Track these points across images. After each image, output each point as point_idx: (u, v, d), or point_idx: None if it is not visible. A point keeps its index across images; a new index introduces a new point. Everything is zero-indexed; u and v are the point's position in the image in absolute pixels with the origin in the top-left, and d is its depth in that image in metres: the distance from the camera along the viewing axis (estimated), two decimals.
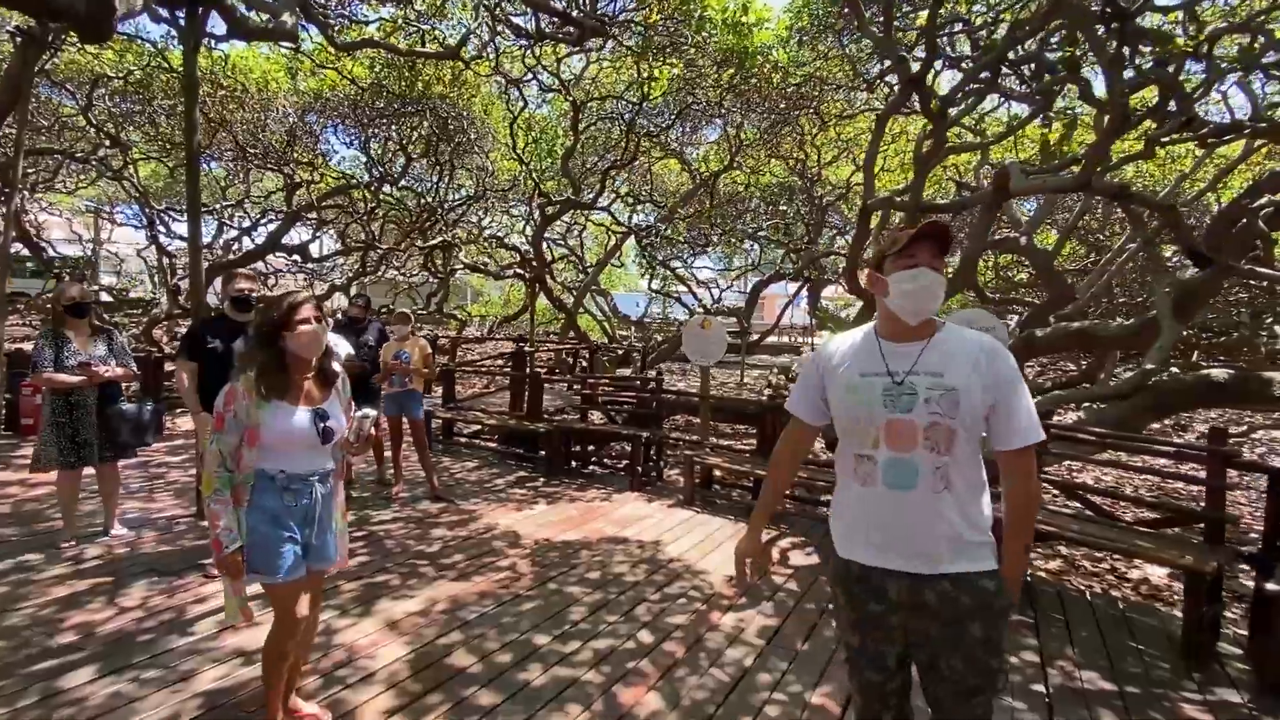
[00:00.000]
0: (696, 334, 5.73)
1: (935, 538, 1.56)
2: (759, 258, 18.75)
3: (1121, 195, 3.50)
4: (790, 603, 3.52)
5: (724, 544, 4.39)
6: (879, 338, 1.66)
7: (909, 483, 1.55)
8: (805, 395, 1.75)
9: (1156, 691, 2.78)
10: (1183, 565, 3.17)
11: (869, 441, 1.59)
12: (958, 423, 1.53)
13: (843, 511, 1.69)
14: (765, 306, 37.02)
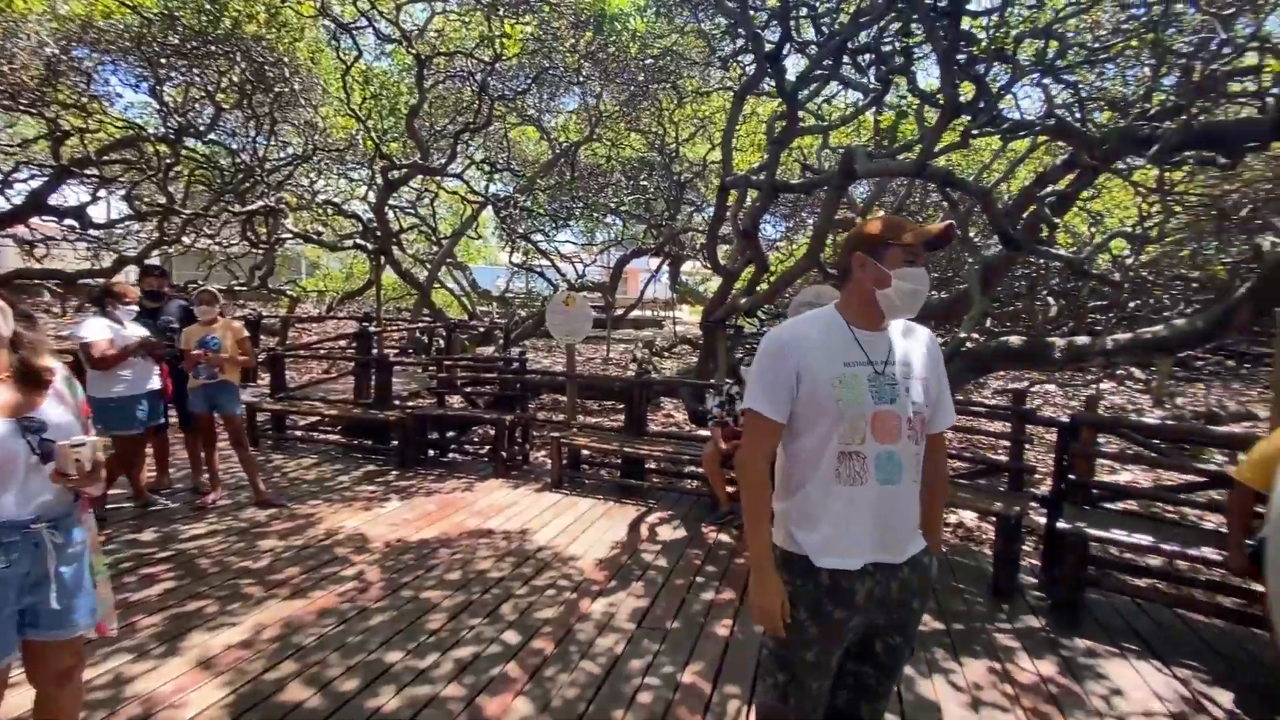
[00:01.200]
0: (560, 311, 5.52)
1: (911, 528, 1.57)
2: (621, 233, 18.77)
3: (948, 181, 3.85)
4: (660, 580, 3.52)
5: (594, 525, 4.32)
6: (851, 326, 1.57)
7: (896, 477, 1.50)
8: (777, 388, 1.53)
9: (975, 625, 3.14)
10: (992, 511, 3.62)
11: (857, 437, 1.49)
12: (928, 412, 1.55)
13: (821, 517, 1.53)
14: (629, 281, 37.46)
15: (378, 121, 10.76)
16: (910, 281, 1.51)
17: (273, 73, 9.46)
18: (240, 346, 4.47)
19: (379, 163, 9.18)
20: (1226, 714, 2.50)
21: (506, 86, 10.38)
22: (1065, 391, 10.63)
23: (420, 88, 8.66)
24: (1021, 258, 5.39)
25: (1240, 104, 5.33)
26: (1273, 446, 2.76)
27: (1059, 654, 2.89)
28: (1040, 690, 2.62)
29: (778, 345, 1.57)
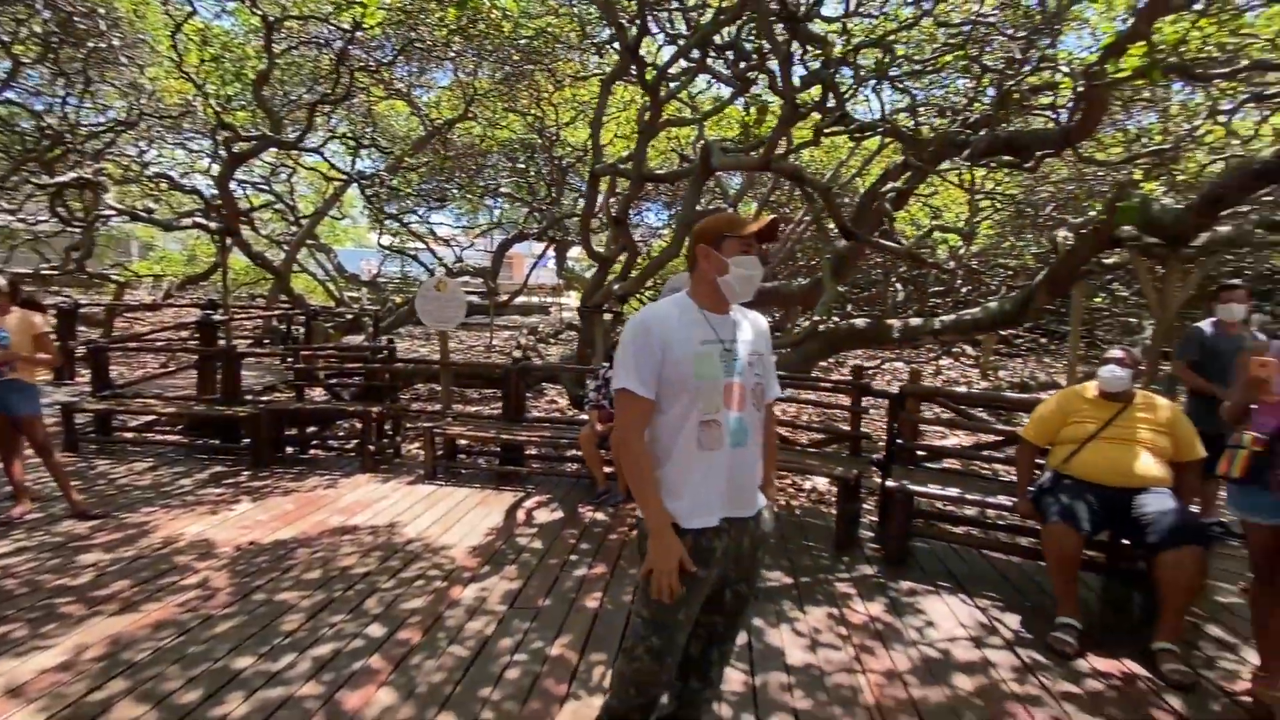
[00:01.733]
0: (431, 296, 5.33)
1: (756, 485, 1.81)
2: (504, 216, 18.31)
3: (794, 176, 4.17)
4: (534, 561, 3.57)
5: (469, 514, 4.26)
6: (702, 309, 1.76)
7: (745, 440, 1.72)
8: (646, 368, 1.66)
9: (819, 576, 3.49)
10: (834, 475, 4.02)
11: (714, 406, 1.68)
12: (765, 382, 1.81)
13: (687, 482, 1.68)
14: (514, 266, 36.57)
15: (219, 87, 9.67)
16: (745, 268, 1.73)
17: (84, 24, 8.20)
18: (38, 343, 3.90)
19: (222, 133, 8.26)
20: (1013, 633, 2.97)
21: (371, 57, 9.73)
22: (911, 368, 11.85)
23: (269, 52, 7.90)
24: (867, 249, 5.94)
25: (1040, 116, 6.21)
26: (1049, 409, 3.30)
27: (887, 596, 3.29)
28: (868, 628, 2.97)
29: (643, 328, 1.70)
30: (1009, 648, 2.84)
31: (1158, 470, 2.94)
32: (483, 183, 13.64)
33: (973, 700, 2.46)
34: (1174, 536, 2.69)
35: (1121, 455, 2.98)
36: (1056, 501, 2.99)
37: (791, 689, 2.50)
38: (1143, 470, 2.93)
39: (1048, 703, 2.46)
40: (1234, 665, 2.74)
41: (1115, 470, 2.97)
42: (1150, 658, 2.69)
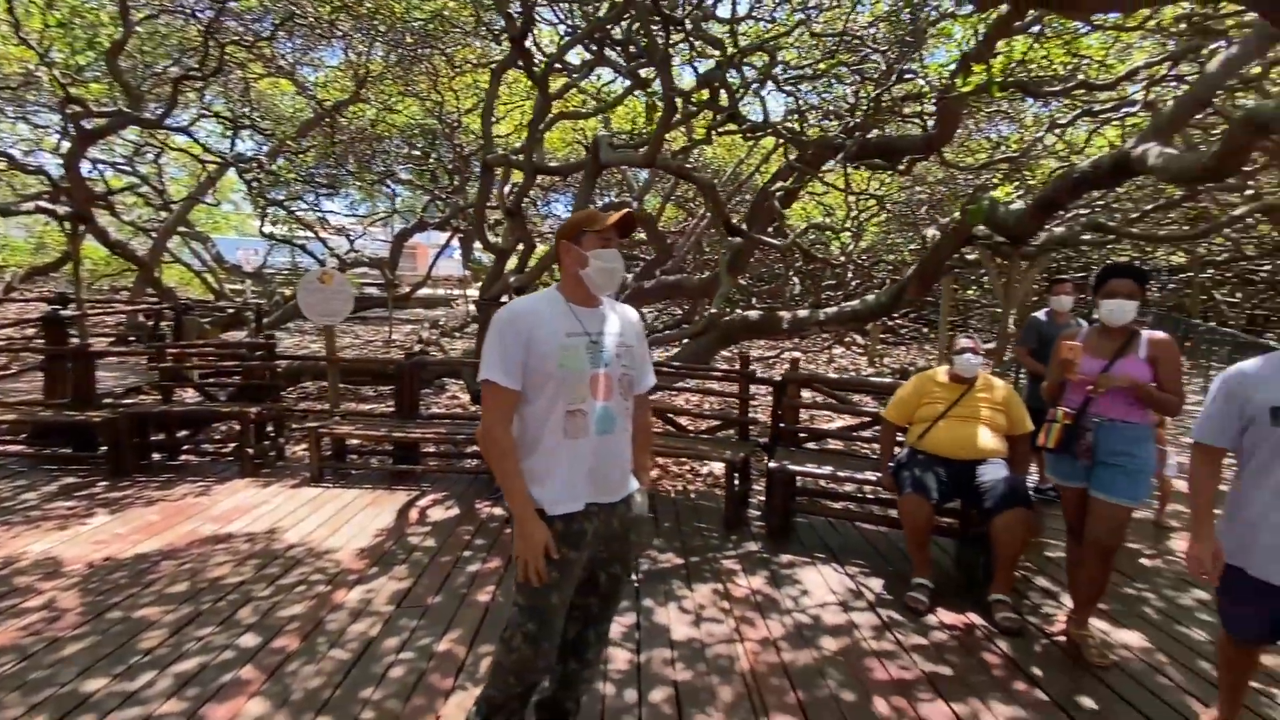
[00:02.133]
0: (314, 289, 5.06)
1: (624, 472, 1.88)
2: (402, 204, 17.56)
3: (679, 173, 4.31)
4: (425, 560, 3.51)
5: (357, 516, 4.12)
6: (569, 303, 1.82)
7: (611, 428, 1.78)
8: (510, 360, 1.70)
9: (708, 555, 3.67)
10: (724, 459, 4.23)
11: (580, 396, 1.73)
12: (634, 373, 1.86)
13: (553, 469, 1.74)
14: (418, 256, 35.06)
15: (68, 55, 8.62)
16: (604, 261, 1.80)
17: None
18: None
19: (70, 108, 7.38)
20: (875, 596, 3.27)
21: (249, 30, 9.00)
22: (806, 355, 12.53)
23: (125, 20, 7.13)
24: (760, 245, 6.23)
25: (911, 123, 6.74)
26: (906, 392, 3.63)
27: (769, 569, 3.52)
28: (749, 600, 3.17)
29: (508, 321, 1.74)
30: (871, 609, 3.12)
31: (995, 444, 3.32)
32: (379, 169, 12.99)
33: (836, 659, 2.69)
34: (1005, 501, 3.05)
35: (965, 431, 3.34)
36: (910, 475, 3.31)
37: (674, 663, 2.63)
38: (982, 444, 3.30)
39: (899, 655, 2.73)
40: (1054, 610, 3.16)
41: (959, 445, 3.32)
42: (987, 609, 3.05)
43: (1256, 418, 1.90)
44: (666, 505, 4.45)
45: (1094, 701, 2.45)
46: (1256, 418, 1.90)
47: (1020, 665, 2.68)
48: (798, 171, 5.29)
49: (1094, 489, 2.71)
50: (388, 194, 17.67)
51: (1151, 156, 3.23)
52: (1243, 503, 1.97)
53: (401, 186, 15.59)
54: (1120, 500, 2.66)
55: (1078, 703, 2.44)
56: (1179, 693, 2.51)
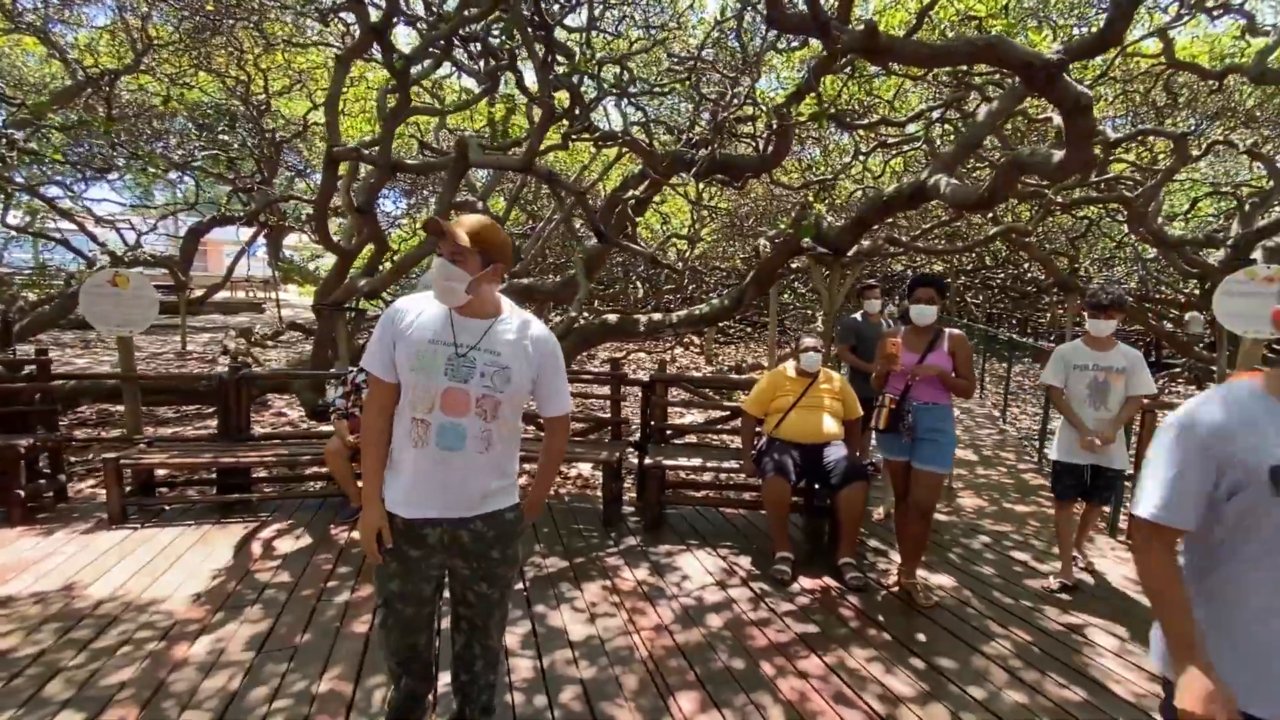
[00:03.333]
0: (104, 293, 4.23)
1: (473, 491, 1.78)
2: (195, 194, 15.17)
3: (551, 180, 4.34)
4: (283, 596, 3.14)
5: (184, 558, 3.55)
6: (455, 310, 1.75)
7: (457, 445, 1.71)
8: (381, 353, 1.75)
9: (592, 555, 3.75)
10: (599, 460, 4.34)
11: (426, 406, 1.69)
12: (504, 395, 1.75)
13: (398, 472, 1.77)
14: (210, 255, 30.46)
15: None
16: (436, 270, 1.70)
17: None
18: None
19: None
20: (746, 572, 3.59)
21: None
22: (651, 357, 13.12)
23: None
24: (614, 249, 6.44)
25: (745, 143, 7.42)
26: (762, 386, 4.02)
27: (649, 560, 3.69)
28: (637, 592, 3.31)
29: (388, 315, 1.79)
30: (745, 584, 3.43)
31: (836, 428, 3.83)
32: (163, 152, 11.08)
33: (723, 634, 2.93)
34: (847, 477, 3.55)
35: (812, 419, 3.81)
36: (771, 460, 3.70)
37: (576, 662, 2.67)
38: (827, 429, 3.79)
39: (774, 621, 3.05)
40: (887, 566, 3.73)
41: (808, 431, 3.78)
42: (838, 571, 3.52)
43: (1245, 483, 1.23)
44: (544, 511, 4.44)
45: (925, 636, 2.96)
46: (1245, 483, 1.23)
47: (869, 615, 3.14)
48: (651, 181, 5.56)
49: (915, 461, 3.27)
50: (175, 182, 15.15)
51: (943, 186, 3.96)
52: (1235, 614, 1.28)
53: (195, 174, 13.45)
54: (935, 468, 3.24)
55: (915, 638, 2.93)
56: (982, 619, 3.14)
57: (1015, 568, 3.75)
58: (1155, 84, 7.61)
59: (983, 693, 2.53)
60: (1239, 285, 4.14)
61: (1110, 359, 3.40)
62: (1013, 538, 4.23)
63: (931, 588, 3.41)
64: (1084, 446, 3.38)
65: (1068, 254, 11.97)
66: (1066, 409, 3.47)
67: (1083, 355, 3.46)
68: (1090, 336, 3.47)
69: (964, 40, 2.76)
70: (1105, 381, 3.38)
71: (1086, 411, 3.43)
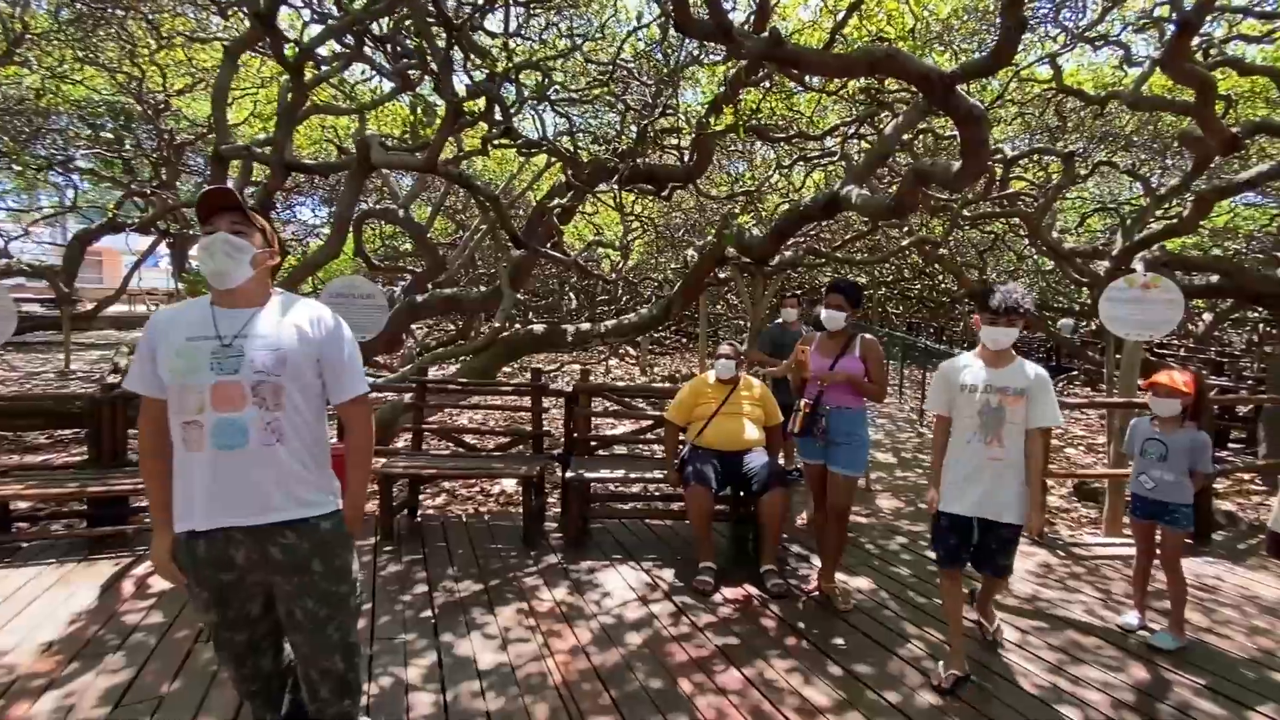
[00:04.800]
0: None
1: (268, 492, 1.64)
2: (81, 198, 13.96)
3: (461, 181, 4.19)
4: (152, 641, 2.81)
5: (37, 602, 3.13)
6: (212, 305, 1.68)
7: (239, 441, 1.59)
8: (142, 369, 1.67)
9: (509, 576, 3.57)
10: (519, 475, 4.17)
11: (195, 406, 1.59)
12: (284, 379, 1.64)
13: (179, 485, 1.64)
14: (106, 264, 28.08)
15: None
16: (199, 249, 1.65)
17: None
18: None
19: None
20: (669, 585, 3.50)
21: None
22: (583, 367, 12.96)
23: None
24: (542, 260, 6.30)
25: (668, 153, 7.46)
26: (683, 395, 3.97)
27: (569, 579, 3.55)
28: (554, 613, 3.16)
29: (146, 328, 1.70)
30: (667, 598, 3.34)
31: (757, 435, 3.82)
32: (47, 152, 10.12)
33: (641, 652, 2.83)
34: (766, 484, 3.53)
35: (732, 426, 3.79)
36: (693, 468, 3.64)
37: (484, 694, 2.50)
38: (747, 436, 3.77)
39: (695, 635, 2.97)
40: (808, 571, 3.73)
41: (729, 438, 3.76)
42: (759, 579, 3.48)
43: None
44: (459, 531, 4.22)
45: (843, 641, 2.96)
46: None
47: (789, 622, 3.11)
48: (574, 190, 5.48)
49: (830, 464, 3.29)
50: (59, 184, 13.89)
51: (854, 196, 4.06)
52: None
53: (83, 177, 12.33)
54: (848, 471, 3.26)
55: (833, 644, 2.92)
56: (898, 620, 3.17)
57: (930, 567, 3.83)
58: (1047, 108, 8.20)
59: (898, 696, 2.53)
60: (1120, 292, 4.43)
61: (1007, 378, 2.55)
62: (927, 537, 4.34)
63: (849, 591, 3.42)
64: (929, 505, 2.71)
65: (978, 266, 12.73)
66: (938, 449, 2.71)
67: (971, 373, 2.61)
68: (986, 350, 2.64)
69: (864, 51, 2.84)
70: (999, 407, 2.53)
71: (973, 450, 2.56)
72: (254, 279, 1.69)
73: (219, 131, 3.60)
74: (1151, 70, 6.68)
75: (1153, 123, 10.58)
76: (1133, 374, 4.63)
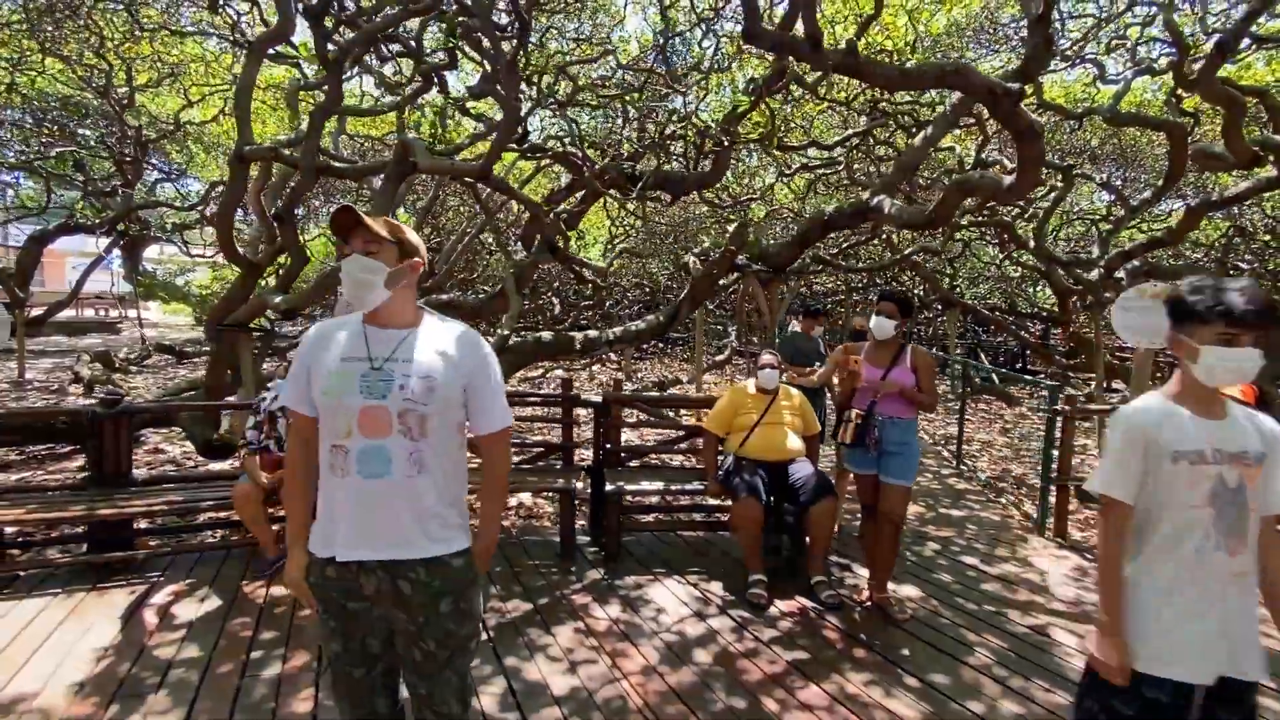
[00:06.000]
0: None
1: (406, 526, 1.56)
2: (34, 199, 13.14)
3: (507, 190, 4.06)
4: (195, 677, 2.62)
5: (54, 637, 2.89)
6: (365, 323, 1.61)
7: (383, 470, 1.53)
8: (296, 386, 1.62)
9: (556, 593, 3.47)
10: (553, 488, 4.06)
11: (344, 430, 1.53)
12: (430, 409, 1.55)
13: (323, 510, 1.59)
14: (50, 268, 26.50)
15: None
16: (344, 270, 1.58)
17: None
18: None
19: None
20: (720, 599, 3.46)
21: None
22: (571, 374, 12.83)
23: None
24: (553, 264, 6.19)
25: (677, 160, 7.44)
26: (723, 404, 3.94)
27: (618, 595, 3.47)
28: (614, 632, 3.08)
29: (302, 342, 1.65)
30: (723, 613, 3.30)
31: (799, 445, 3.82)
32: None
33: (715, 670, 2.78)
34: (816, 494, 3.53)
35: (776, 436, 3.77)
36: (741, 480, 3.61)
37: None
38: (791, 446, 3.76)
39: (763, 651, 2.94)
40: (853, 580, 3.74)
41: (774, 448, 3.74)
42: (809, 590, 3.47)
43: None
44: None
45: (909, 652, 2.97)
46: None
47: (852, 634, 3.11)
48: (587, 194, 5.40)
49: (884, 475, 3.30)
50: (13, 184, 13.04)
51: (887, 206, 4.10)
52: None
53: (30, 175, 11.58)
54: (903, 481, 3.28)
55: (901, 655, 2.93)
56: (955, 628, 3.20)
57: (969, 572, 3.89)
58: None
59: (981, 707, 2.55)
60: (1134, 301, 4.61)
61: (1237, 436, 1.54)
62: (957, 542, 4.42)
63: (904, 600, 3.44)
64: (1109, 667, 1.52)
65: (947, 273, 13.13)
66: (1113, 564, 1.58)
67: (1181, 429, 1.54)
68: (1190, 387, 1.57)
69: (933, 65, 2.87)
70: (1239, 487, 1.52)
71: (1205, 562, 1.50)
72: (397, 297, 1.60)
73: (241, 131, 3.38)
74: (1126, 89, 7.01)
75: (1117, 137, 11.14)
76: (1145, 378, 4.82)
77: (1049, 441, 4.53)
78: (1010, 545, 4.37)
